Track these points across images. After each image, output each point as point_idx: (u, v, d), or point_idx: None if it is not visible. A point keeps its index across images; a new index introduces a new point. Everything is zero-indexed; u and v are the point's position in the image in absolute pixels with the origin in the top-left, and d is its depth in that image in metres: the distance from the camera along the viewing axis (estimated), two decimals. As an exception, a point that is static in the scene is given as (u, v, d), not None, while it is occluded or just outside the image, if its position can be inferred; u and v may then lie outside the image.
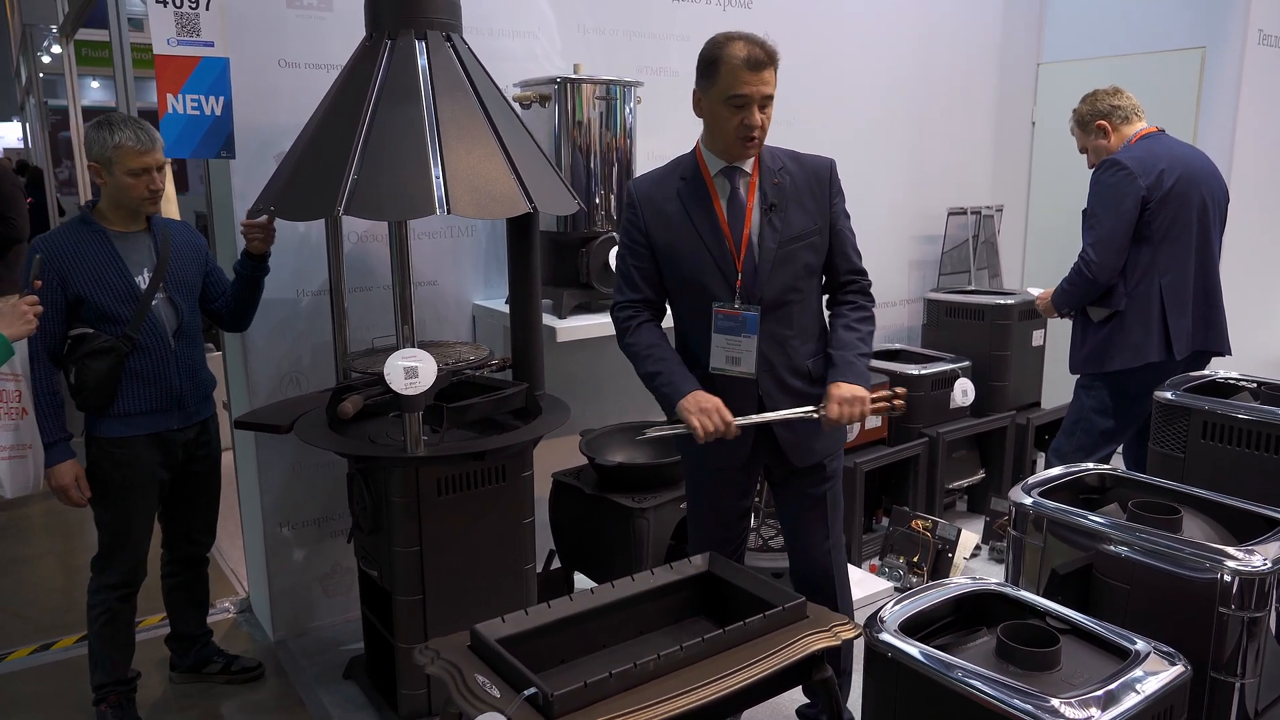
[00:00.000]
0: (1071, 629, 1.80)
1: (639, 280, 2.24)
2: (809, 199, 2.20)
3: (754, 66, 2.04)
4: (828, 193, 2.22)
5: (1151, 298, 2.95)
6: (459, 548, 2.53)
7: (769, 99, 2.09)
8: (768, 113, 2.10)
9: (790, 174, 2.19)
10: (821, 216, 2.21)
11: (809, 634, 1.85)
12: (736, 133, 2.09)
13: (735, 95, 2.06)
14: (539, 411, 2.67)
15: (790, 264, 2.18)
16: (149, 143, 2.44)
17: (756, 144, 2.12)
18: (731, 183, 2.18)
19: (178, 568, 2.82)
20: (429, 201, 2.16)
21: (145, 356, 2.48)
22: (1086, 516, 2.10)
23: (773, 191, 2.17)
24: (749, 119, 2.07)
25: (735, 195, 2.17)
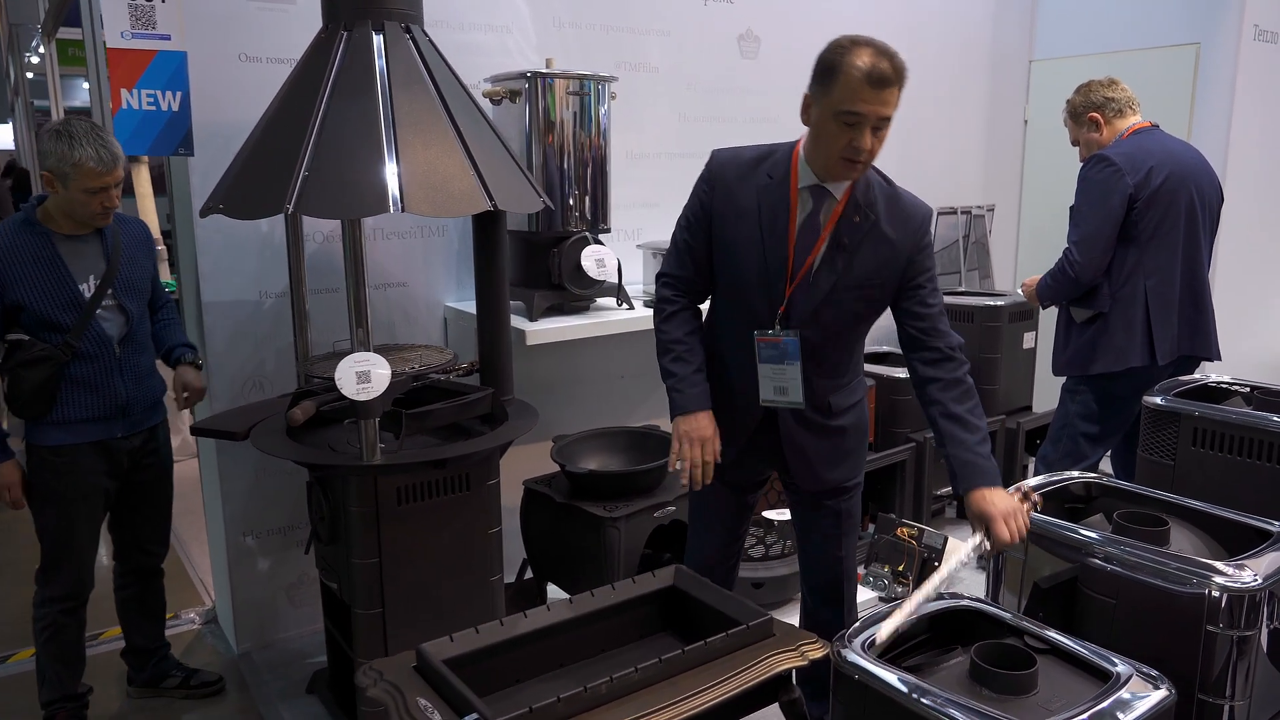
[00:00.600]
0: (1051, 649, 1.70)
1: (688, 258, 2.09)
2: (885, 247, 1.97)
3: (876, 83, 1.80)
4: (910, 246, 1.98)
5: (1136, 300, 2.85)
6: (421, 559, 2.43)
7: (885, 121, 1.85)
8: (881, 136, 1.86)
9: (876, 215, 1.96)
10: (892, 269, 1.98)
11: (774, 653, 1.76)
12: (841, 152, 1.86)
13: (848, 111, 1.82)
14: (506, 417, 2.57)
15: (838, 309, 2.01)
16: (110, 162, 2.32)
17: (860, 169, 1.90)
18: (815, 203, 1.97)
19: (130, 579, 2.72)
20: (382, 199, 2.06)
21: (88, 363, 2.39)
22: (1070, 528, 2.01)
23: (849, 229, 1.96)
24: (858, 140, 1.83)
25: (813, 218, 1.97)
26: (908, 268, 1.99)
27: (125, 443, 2.51)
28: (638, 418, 3.59)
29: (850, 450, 2.20)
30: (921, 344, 2.04)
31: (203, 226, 2.79)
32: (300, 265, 2.66)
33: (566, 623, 1.88)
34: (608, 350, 3.44)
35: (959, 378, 2.02)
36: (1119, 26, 4.53)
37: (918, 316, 2.03)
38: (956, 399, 2.00)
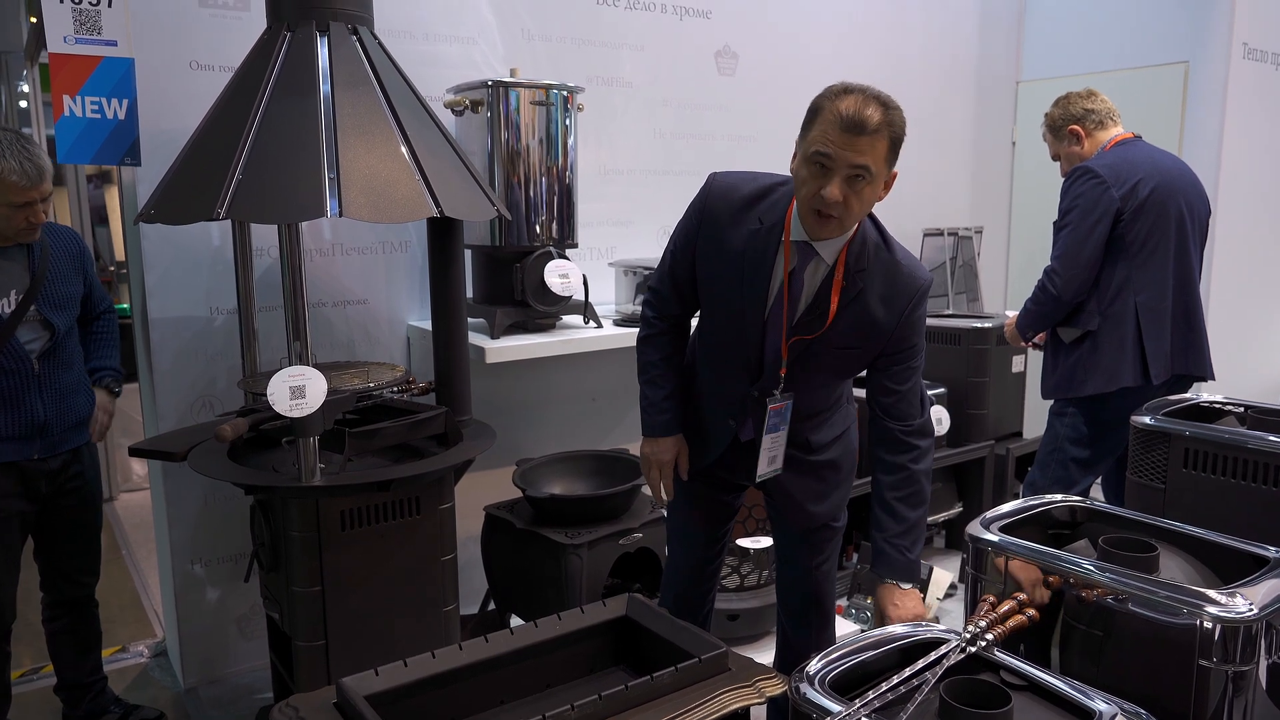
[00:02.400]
0: (1028, 685, 1.56)
1: (670, 281, 2.00)
2: (867, 319, 1.84)
3: (850, 127, 1.65)
4: (896, 323, 1.84)
5: (1126, 317, 2.72)
6: (367, 588, 2.29)
7: (861, 172, 1.67)
8: (860, 192, 1.69)
9: (864, 284, 1.82)
10: (873, 342, 1.86)
11: (729, 689, 1.61)
12: (810, 201, 1.71)
13: (816, 152, 1.68)
14: (459, 438, 2.44)
15: (814, 368, 1.92)
16: (36, 176, 2.23)
17: (830, 225, 1.73)
18: (801, 260, 1.82)
19: (59, 610, 2.57)
20: (319, 203, 1.95)
21: (3, 379, 2.26)
22: (1052, 554, 1.86)
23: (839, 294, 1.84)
24: (825, 188, 1.68)
25: (797, 274, 1.83)
26: (889, 343, 1.87)
27: (43, 465, 2.37)
28: (609, 441, 3.46)
29: (839, 484, 2.13)
30: (881, 418, 1.95)
31: (150, 239, 2.68)
32: (248, 278, 2.54)
33: (507, 655, 1.73)
34: (578, 371, 3.32)
35: (904, 464, 1.93)
36: (1107, 46, 4.47)
37: (886, 391, 1.93)
38: (894, 485, 1.94)
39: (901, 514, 1.93)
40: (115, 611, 3.53)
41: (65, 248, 2.46)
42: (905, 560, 1.92)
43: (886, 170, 1.73)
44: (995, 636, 1.66)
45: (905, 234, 4.36)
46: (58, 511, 2.46)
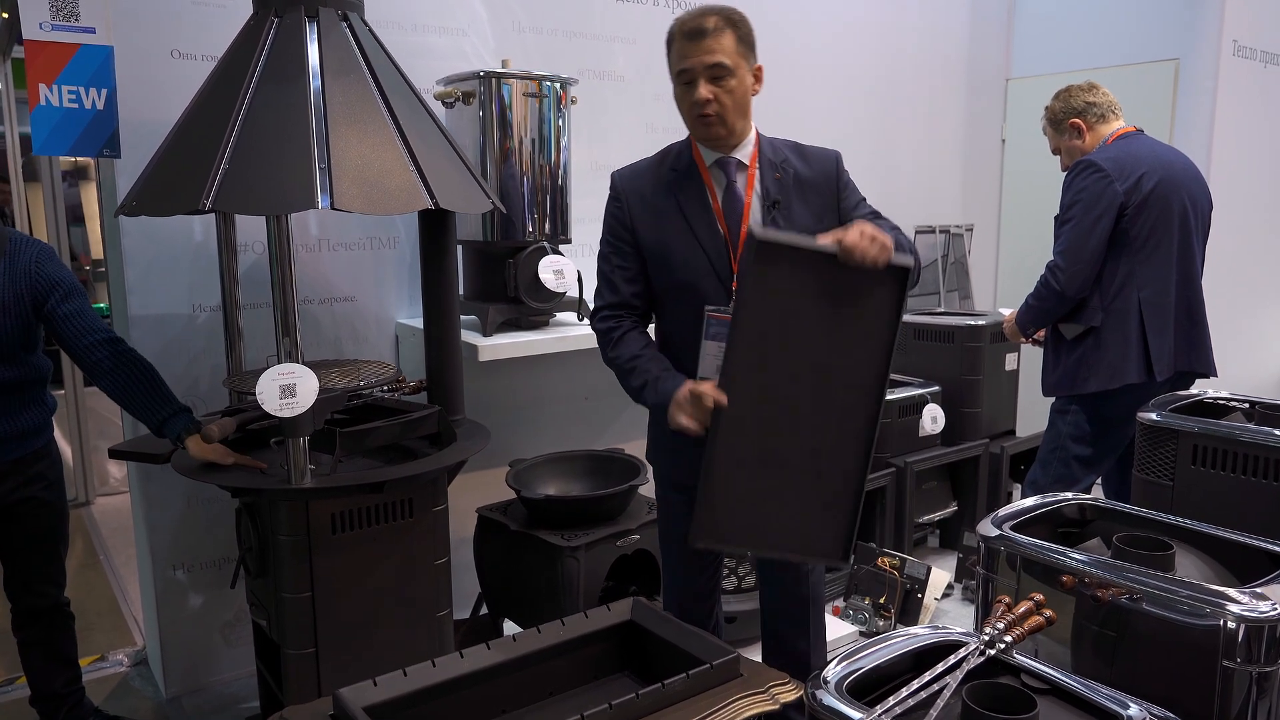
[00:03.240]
0: (1050, 688, 1.52)
1: (621, 283, 2.00)
2: (814, 195, 1.98)
3: (691, 34, 1.84)
4: (835, 187, 1.99)
5: (1129, 313, 2.69)
6: (358, 593, 2.22)
7: (718, 69, 1.84)
8: (726, 85, 1.86)
9: (793, 167, 1.97)
10: (828, 214, 1.97)
11: (743, 696, 1.56)
12: (690, 112, 1.89)
13: (679, 70, 1.88)
14: (454, 438, 2.37)
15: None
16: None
17: (714, 122, 1.88)
18: (727, 175, 1.95)
19: (25, 620, 2.47)
20: (309, 194, 1.88)
21: None
22: (1065, 553, 1.82)
23: (775, 187, 1.95)
24: (695, 94, 1.85)
25: (731, 189, 1.95)
26: (841, 204, 1.99)
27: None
28: (603, 441, 3.39)
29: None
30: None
31: (131, 235, 2.59)
32: (233, 275, 2.47)
33: (510, 663, 1.68)
34: (570, 369, 3.25)
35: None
36: (1097, 43, 4.45)
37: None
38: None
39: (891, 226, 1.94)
40: (93, 619, 3.43)
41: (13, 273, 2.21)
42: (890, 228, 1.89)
43: (745, 62, 1.88)
44: (1014, 639, 1.61)
45: (897, 231, 4.34)
46: (10, 521, 2.34)
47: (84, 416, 4.57)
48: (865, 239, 1.70)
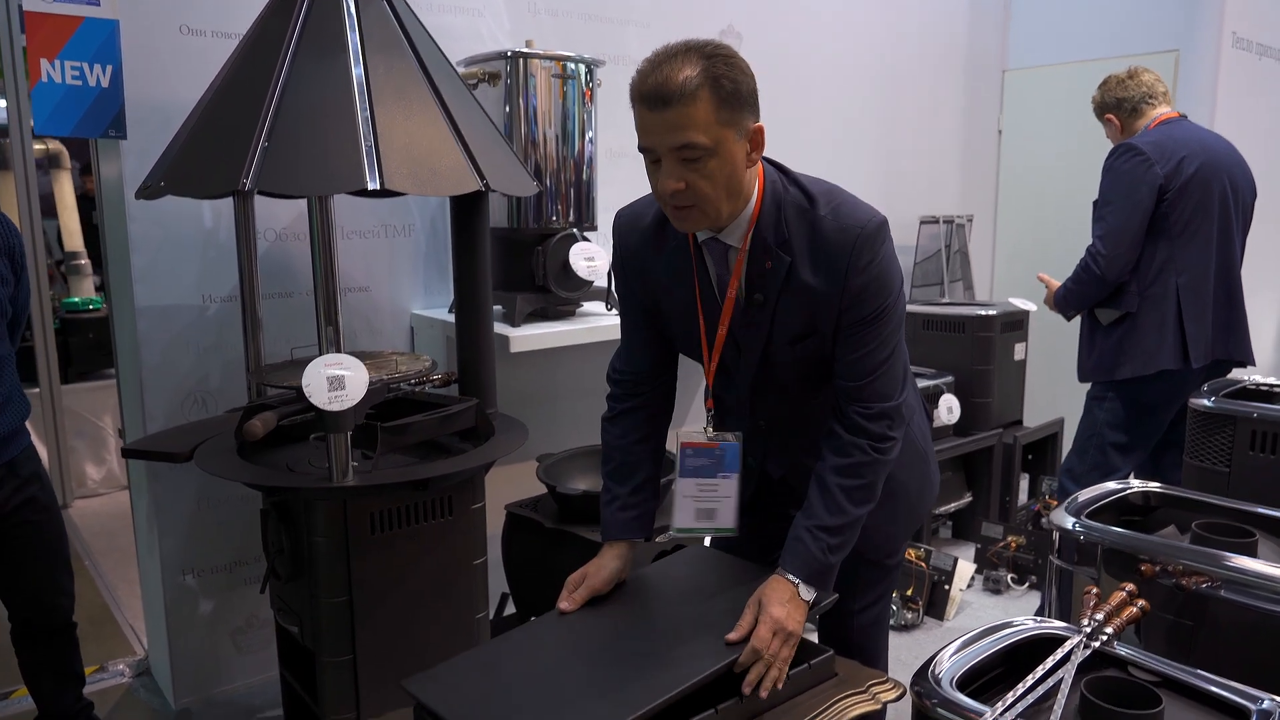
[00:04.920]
0: (1161, 680, 1.47)
1: (635, 344, 1.71)
2: (805, 293, 1.50)
3: (653, 103, 1.35)
4: (838, 287, 1.47)
5: (1167, 299, 2.67)
6: (397, 596, 2.11)
7: (689, 150, 1.36)
8: (703, 169, 1.38)
9: (793, 251, 1.49)
10: (824, 317, 1.51)
11: (844, 696, 1.49)
12: (660, 201, 1.46)
13: (641, 147, 1.42)
14: (491, 432, 2.27)
15: (782, 381, 1.61)
16: None
17: (691, 216, 1.45)
18: (717, 259, 1.55)
19: (32, 641, 2.32)
20: (357, 173, 1.77)
21: None
22: (1148, 540, 1.78)
23: (760, 279, 1.51)
24: (660, 181, 1.41)
25: (722, 278, 1.56)
26: (841, 317, 1.50)
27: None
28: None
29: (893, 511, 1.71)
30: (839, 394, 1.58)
31: (137, 221, 2.45)
32: (252, 263, 2.33)
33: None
34: (591, 360, 3.15)
35: (862, 448, 1.54)
36: (1095, 34, 4.46)
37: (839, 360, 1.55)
38: (842, 469, 1.54)
39: (839, 504, 1.52)
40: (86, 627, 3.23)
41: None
42: (823, 561, 1.51)
43: (732, 131, 1.38)
44: (1114, 630, 1.56)
45: (902, 222, 4.28)
46: (10, 531, 2.18)
47: (60, 415, 4.37)
48: (766, 652, 1.40)
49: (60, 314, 4.58)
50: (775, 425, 1.70)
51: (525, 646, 1.51)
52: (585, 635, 1.53)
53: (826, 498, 1.54)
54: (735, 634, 1.44)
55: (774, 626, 1.43)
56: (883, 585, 1.85)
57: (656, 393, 1.75)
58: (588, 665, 1.44)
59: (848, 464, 1.54)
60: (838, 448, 1.56)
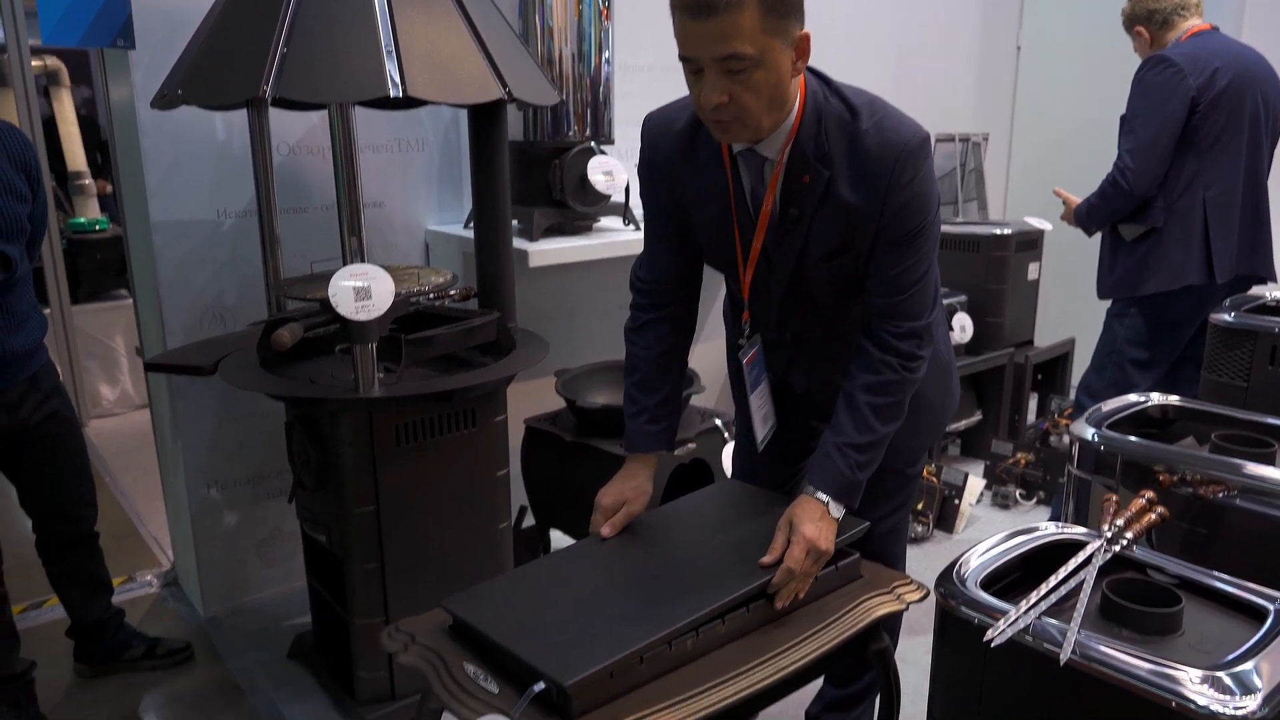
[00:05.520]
0: (1181, 582, 1.50)
1: (660, 253, 1.68)
2: (847, 212, 1.47)
3: (696, 12, 1.30)
4: (878, 204, 1.45)
5: (1194, 213, 2.64)
6: (422, 506, 2.15)
7: (734, 61, 1.31)
8: (749, 80, 1.33)
9: (833, 165, 1.45)
10: (861, 234, 1.49)
11: (871, 596, 1.53)
12: (700, 109, 1.41)
13: (682, 56, 1.37)
14: (513, 346, 2.28)
15: (813, 289, 1.59)
16: None
17: (733, 129, 1.42)
18: (753, 172, 1.52)
19: (60, 552, 2.36)
20: (378, 79, 1.74)
21: None
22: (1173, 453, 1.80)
23: (796, 194, 1.49)
24: (702, 94, 1.36)
25: (756, 191, 1.53)
26: (879, 235, 1.48)
27: (2, 398, 2.09)
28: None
29: (916, 424, 1.70)
30: (871, 314, 1.58)
31: (149, 135, 2.42)
32: (268, 176, 2.30)
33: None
34: (607, 276, 3.14)
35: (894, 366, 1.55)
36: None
37: (872, 278, 1.54)
38: (872, 387, 1.55)
39: (868, 422, 1.54)
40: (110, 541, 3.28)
41: (11, 156, 2.08)
42: (851, 478, 1.54)
43: (779, 39, 1.33)
44: (1134, 535, 1.59)
45: (916, 139, 4.24)
46: (35, 444, 2.20)
47: (73, 335, 4.38)
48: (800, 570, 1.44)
49: (67, 235, 4.55)
50: (803, 339, 1.70)
51: (559, 570, 1.54)
52: (618, 560, 1.56)
53: (855, 415, 1.55)
54: (769, 557, 1.47)
55: (807, 546, 1.45)
56: (903, 494, 1.87)
57: (681, 303, 1.73)
58: (621, 587, 1.47)
59: (877, 382, 1.55)
60: (867, 365, 1.56)
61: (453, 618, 1.42)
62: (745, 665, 1.32)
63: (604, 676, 1.22)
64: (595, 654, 1.23)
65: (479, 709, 1.23)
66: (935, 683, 1.47)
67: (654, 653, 1.28)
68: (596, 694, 1.22)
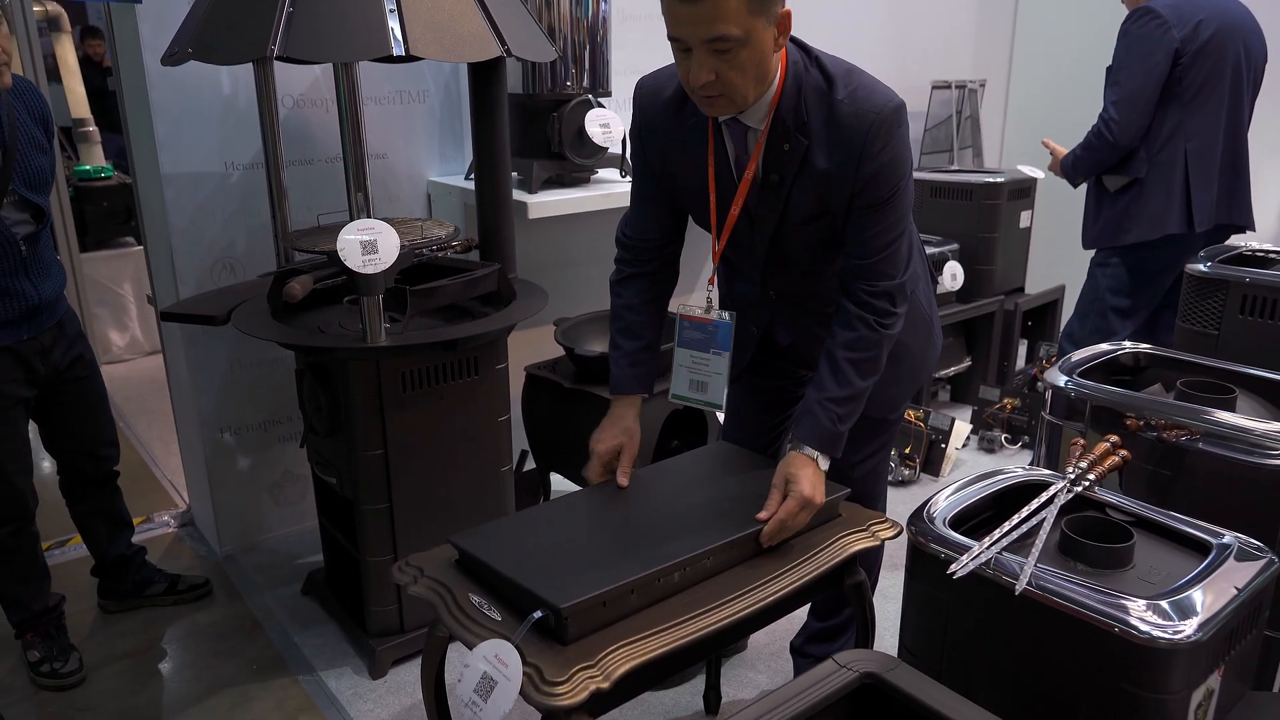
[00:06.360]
0: (1137, 520, 1.61)
1: (646, 213, 1.75)
2: (819, 178, 1.55)
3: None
4: (850, 173, 1.52)
5: (1175, 164, 2.71)
6: (428, 450, 2.26)
7: (721, 42, 1.38)
8: (735, 59, 1.41)
9: (810, 134, 1.53)
10: (837, 199, 1.56)
11: (846, 534, 1.64)
12: (687, 86, 1.49)
13: (670, 35, 1.44)
14: (513, 296, 2.37)
15: (792, 259, 1.69)
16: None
17: (719, 104, 1.49)
18: (737, 140, 1.60)
19: (85, 491, 2.48)
20: (382, 38, 1.80)
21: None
22: (1132, 397, 1.90)
23: (777, 161, 1.56)
24: (690, 72, 1.44)
25: (740, 158, 1.61)
26: (854, 198, 1.55)
27: (34, 344, 2.18)
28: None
29: (895, 374, 1.80)
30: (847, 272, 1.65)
31: (157, 89, 2.47)
32: (275, 131, 2.37)
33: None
34: (605, 227, 3.19)
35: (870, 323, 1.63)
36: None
37: (850, 240, 1.61)
38: (850, 343, 1.63)
39: (847, 376, 1.63)
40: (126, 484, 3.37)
41: (30, 109, 2.14)
42: (834, 430, 1.63)
43: (758, 20, 1.39)
44: (1097, 476, 1.70)
45: (913, 87, 4.26)
46: (63, 387, 2.30)
47: (82, 284, 4.46)
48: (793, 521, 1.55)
49: (73, 183, 4.60)
50: (785, 295, 1.79)
51: (559, 514, 1.64)
52: (615, 508, 1.66)
53: (835, 372, 1.64)
54: (765, 513, 1.56)
55: (802, 502, 1.56)
56: (881, 439, 1.98)
57: (663, 260, 1.81)
58: (616, 530, 1.58)
59: (854, 338, 1.63)
60: (845, 323, 1.65)
61: (459, 552, 1.53)
62: (728, 596, 1.44)
63: (597, 604, 1.33)
64: (589, 584, 1.34)
65: (483, 635, 1.34)
66: (906, 613, 1.59)
67: (644, 585, 1.39)
68: (590, 620, 1.34)
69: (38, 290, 2.14)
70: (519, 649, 1.29)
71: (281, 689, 2.30)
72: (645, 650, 1.33)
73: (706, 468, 1.83)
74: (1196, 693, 1.32)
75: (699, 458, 1.89)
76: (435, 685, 1.58)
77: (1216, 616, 1.30)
